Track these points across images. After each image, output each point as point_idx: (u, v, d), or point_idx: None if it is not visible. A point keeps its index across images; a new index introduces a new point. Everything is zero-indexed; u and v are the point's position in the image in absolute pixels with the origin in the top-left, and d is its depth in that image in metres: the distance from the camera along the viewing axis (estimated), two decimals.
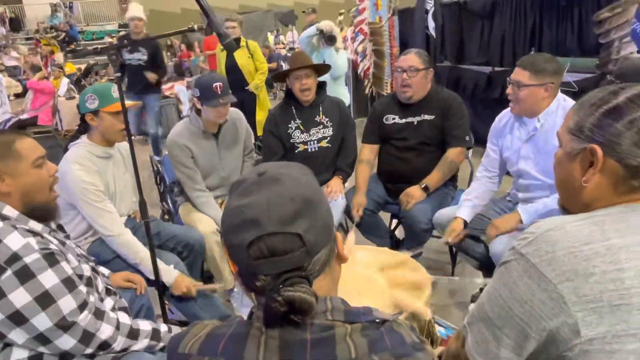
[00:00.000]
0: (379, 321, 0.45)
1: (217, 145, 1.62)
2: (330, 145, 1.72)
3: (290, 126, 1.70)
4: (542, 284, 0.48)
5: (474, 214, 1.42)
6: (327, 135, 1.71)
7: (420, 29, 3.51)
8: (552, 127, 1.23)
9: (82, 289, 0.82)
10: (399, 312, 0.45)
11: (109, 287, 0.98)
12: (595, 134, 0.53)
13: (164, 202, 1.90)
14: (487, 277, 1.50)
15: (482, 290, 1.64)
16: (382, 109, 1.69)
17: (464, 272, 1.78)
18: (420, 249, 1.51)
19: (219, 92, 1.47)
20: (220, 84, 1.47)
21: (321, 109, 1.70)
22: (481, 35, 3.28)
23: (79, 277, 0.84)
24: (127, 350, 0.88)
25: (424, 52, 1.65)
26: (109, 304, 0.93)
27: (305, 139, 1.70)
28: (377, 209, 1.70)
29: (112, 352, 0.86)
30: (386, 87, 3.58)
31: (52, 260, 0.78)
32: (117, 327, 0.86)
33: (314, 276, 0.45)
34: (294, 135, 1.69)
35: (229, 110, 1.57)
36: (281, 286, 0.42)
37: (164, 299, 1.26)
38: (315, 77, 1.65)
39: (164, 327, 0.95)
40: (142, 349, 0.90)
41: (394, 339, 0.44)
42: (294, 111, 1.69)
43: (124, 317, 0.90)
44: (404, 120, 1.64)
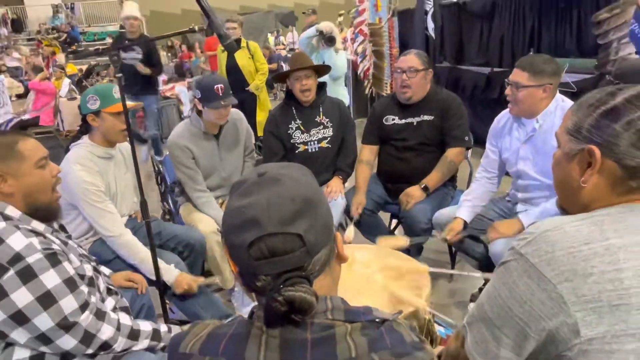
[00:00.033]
0: (378, 320, 0.45)
1: (217, 146, 1.63)
2: (330, 145, 1.73)
3: (290, 126, 1.70)
4: (542, 284, 0.48)
5: (474, 214, 1.43)
6: (327, 135, 1.72)
7: (419, 30, 3.51)
8: (550, 127, 1.24)
9: (84, 289, 0.83)
10: (399, 312, 0.46)
11: (110, 287, 0.98)
12: (593, 135, 0.53)
13: (165, 202, 1.90)
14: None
15: (481, 289, 1.65)
16: (381, 110, 1.70)
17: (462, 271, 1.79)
18: (422, 239, 1.50)
19: (220, 94, 1.48)
20: (221, 85, 1.48)
21: (321, 110, 1.71)
22: (480, 36, 3.28)
23: (81, 277, 0.85)
24: (128, 350, 0.88)
25: (423, 53, 1.66)
26: (110, 303, 0.93)
27: (305, 140, 1.71)
28: (377, 209, 1.70)
29: (112, 352, 0.86)
30: (386, 87, 3.58)
31: (54, 260, 0.78)
32: (118, 328, 0.87)
33: (314, 276, 0.45)
34: (295, 135, 1.70)
35: (230, 111, 1.58)
36: (282, 286, 0.42)
37: (165, 299, 1.27)
38: (315, 78, 1.66)
39: (164, 327, 0.96)
40: (143, 349, 0.90)
41: (393, 338, 0.44)
42: (295, 112, 1.70)
43: (124, 318, 0.90)
44: (403, 120, 1.64)
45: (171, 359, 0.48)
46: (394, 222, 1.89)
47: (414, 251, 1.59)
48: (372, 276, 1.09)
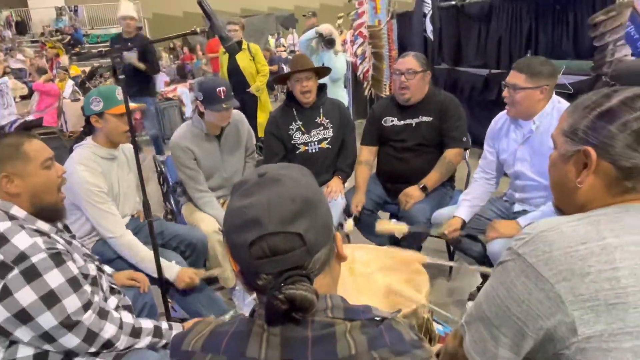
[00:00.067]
0: (378, 319, 0.46)
1: (219, 147, 1.64)
2: (330, 146, 1.74)
3: (291, 127, 1.72)
4: (539, 284, 0.48)
5: (472, 214, 1.43)
6: (327, 136, 1.73)
7: (418, 32, 3.55)
8: (547, 129, 1.24)
9: (87, 288, 0.83)
10: (398, 310, 0.47)
11: (113, 286, 0.99)
12: (589, 136, 0.54)
13: (167, 202, 1.92)
14: (484, 276, 1.53)
15: (479, 288, 1.66)
16: (380, 111, 1.71)
17: (461, 271, 1.80)
18: (421, 229, 1.50)
19: (223, 97, 1.49)
20: (223, 88, 1.49)
21: (322, 111, 1.72)
22: (478, 38, 3.28)
23: (85, 276, 0.85)
24: (130, 348, 0.89)
25: (421, 55, 1.67)
26: (112, 302, 0.94)
27: (306, 140, 1.72)
28: (376, 208, 1.71)
29: (115, 350, 0.87)
30: (385, 89, 3.60)
31: (58, 260, 0.79)
32: (121, 326, 0.87)
33: (315, 275, 0.46)
34: (295, 136, 1.71)
35: (231, 113, 1.59)
36: (282, 284, 0.43)
37: (167, 297, 1.28)
38: (315, 80, 1.68)
39: (165, 324, 0.96)
40: (145, 346, 0.91)
41: (393, 336, 0.44)
42: (295, 113, 1.71)
43: (127, 316, 0.91)
44: (402, 122, 1.65)
45: (174, 357, 0.49)
46: (394, 221, 1.91)
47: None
48: (372, 276, 1.09)
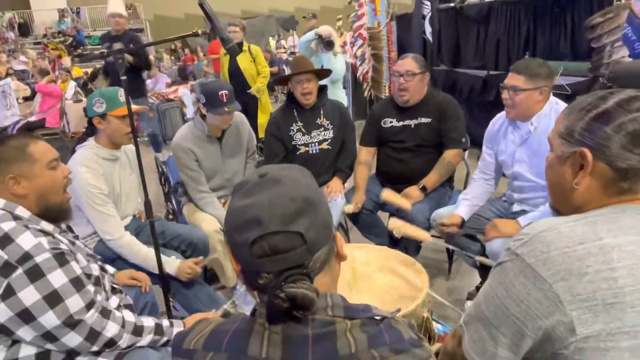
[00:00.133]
0: (378, 318, 0.46)
1: (220, 148, 1.65)
2: (330, 147, 1.75)
3: (292, 128, 1.73)
4: (538, 284, 0.48)
5: (472, 213, 1.44)
6: (327, 137, 1.74)
7: (417, 34, 3.56)
8: (545, 130, 1.25)
9: (90, 288, 0.83)
10: (397, 310, 0.48)
11: (115, 286, 0.99)
12: (585, 138, 0.54)
13: (169, 202, 1.93)
14: (482, 275, 1.54)
15: (478, 288, 1.67)
16: (380, 112, 1.72)
17: (460, 270, 1.81)
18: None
19: (225, 100, 1.50)
20: (226, 92, 1.50)
21: (322, 112, 1.73)
22: (477, 39, 3.29)
23: (88, 276, 0.85)
24: (132, 346, 0.89)
25: (420, 57, 1.68)
26: (114, 302, 0.94)
27: (306, 141, 1.73)
28: (376, 208, 1.72)
29: (117, 349, 0.87)
30: (384, 90, 3.62)
31: (62, 260, 0.79)
32: (123, 325, 0.87)
33: (315, 273, 0.46)
34: (296, 137, 1.73)
35: (233, 116, 1.60)
36: (283, 283, 0.43)
37: (169, 297, 1.29)
38: (316, 81, 1.69)
39: (166, 322, 0.96)
40: (147, 344, 0.91)
41: (392, 335, 0.45)
42: (296, 114, 1.72)
43: (128, 315, 0.91)
44: (401, 123, 1.67)
45: (175, 355, 0.49)
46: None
47: (412, 250, 1.63)
48: (372, 275, 1.10)
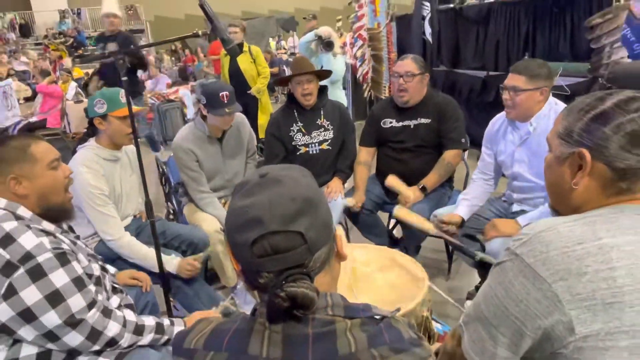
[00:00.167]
0: (378, 317, 0.46)
1: (221, 149, 1.66)
2: (330, 147, 1.76)
3: (292, 129, 1.73)
4: (537, 283, 0.49)
5: (471, 213, 1.45)
6: (327, 137, 1.75)
7: (417, 35, 3.57)
8: (544, 130, 1.25)
9: (91, 288, 0.84)
10: (397, 309, 0.48)
11: (116, 285, 0.99)
12: (583, 139, 0.54)
13: (169, 202, 1.94)
14: (482, 275, 1.54)
15: (477, 288, 1.67)
16: (379, 113, 1.72)
17: (460, 270, 1.82)
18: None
19: (226, 102, 1.50)
20: (226, 93, 1.50)
21: (322, 113, 1.74)
22: (476, 40, 3.30)
23: (89, 276, 0.86)
24: (133, 346, 0.89)
25: (419, 57, 1.69)
26: (115, 301, 0.95)
27: (306, 142, 1.74)
28: (376, 208, 1.73)
29: (118, 348, 0.87)
30: (384, 91, 3.62)
31: (63, 259, 0.79)
32: (124, 324, 0.87)
33: (315, 273, 0.46)
34: (296, 137, 1.73)
35: (234, 117, 1.61)
36: (283, 282, 0.43)
37: (169, 296, 1.30)
38: (316, 82, 1.69)
39: (166, 320, 0.97)
40: (147, 343, 0.92)
41: (392, 335, 0.45)
42: (296, 114, 1.73)
43: (129, 314, 0.91)
44: (400, 123, 1.67)
45: (176, 355, 0.49)
46: (392, 221, 1.92)
47: (412, 250, 1.63)
48: (372, 275, 1.10)
